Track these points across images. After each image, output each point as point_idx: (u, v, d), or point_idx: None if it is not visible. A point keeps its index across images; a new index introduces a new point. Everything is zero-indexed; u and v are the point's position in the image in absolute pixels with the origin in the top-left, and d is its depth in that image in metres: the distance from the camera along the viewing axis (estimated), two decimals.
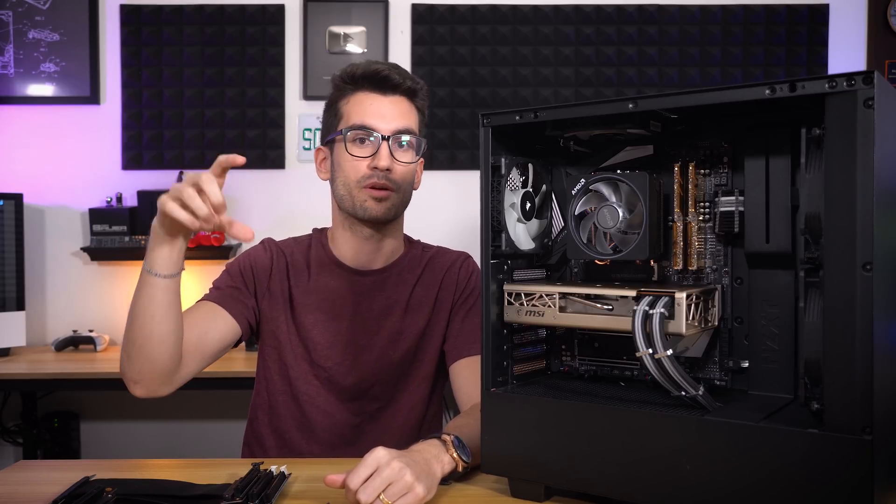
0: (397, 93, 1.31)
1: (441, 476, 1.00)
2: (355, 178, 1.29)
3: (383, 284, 1.37)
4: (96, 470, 1.07)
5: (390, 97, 1.31)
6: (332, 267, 1.37)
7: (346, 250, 1.37)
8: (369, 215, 1.29)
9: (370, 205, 1.28)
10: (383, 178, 1.27)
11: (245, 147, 2.69)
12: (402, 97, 1.32)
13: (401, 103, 1.31)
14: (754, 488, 0.79)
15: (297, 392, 1.34)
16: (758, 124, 0.92)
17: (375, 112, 1.29)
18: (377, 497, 0.90)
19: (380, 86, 1.30)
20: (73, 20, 2.67)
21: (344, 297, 1.35)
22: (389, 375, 1.35)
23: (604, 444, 0.89)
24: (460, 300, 1.38)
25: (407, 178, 1.32)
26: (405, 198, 1.34)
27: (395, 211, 1.32)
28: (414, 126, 1.33)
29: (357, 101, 1.31)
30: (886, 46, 2.72)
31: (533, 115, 0.95)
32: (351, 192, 1.30)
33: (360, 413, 1.35)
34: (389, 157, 1.27)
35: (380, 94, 1.30)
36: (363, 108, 1.30)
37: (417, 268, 1.40)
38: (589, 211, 1.01)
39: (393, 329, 1.35)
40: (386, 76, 1.30)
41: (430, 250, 1.44)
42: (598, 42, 2.71)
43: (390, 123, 1.29)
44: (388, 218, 1.31)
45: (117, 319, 2.68)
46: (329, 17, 2.70)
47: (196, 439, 2.74)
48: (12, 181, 2.65)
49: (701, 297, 0.91)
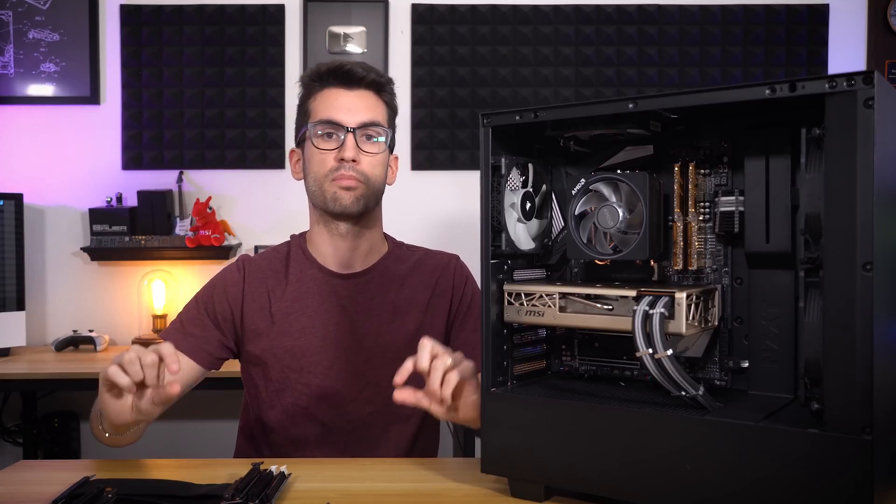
0: (362, 86, 1.32)
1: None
2: (324, 172, 1.30)
3: (367, 286, 1.36)
4: (96, 470, 1.08)
5: (356, 91, 1.32)
6: (312, 270, 1.36)
7: (324, 250, 1.37)
8: (339, 207, 1.29)
9: (340, 195, 1.29)
10: (350, 169, 1.28)
11: (245, 147, 2.69)
12: (368, 91, 1.33)
13: (367, 97, 1.32)
14: (754, 488, 0.79)
15: (288, 405, 1.32)
16: (758, 124, 0.92)
17: (341, 106, 1.30)
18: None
19: (345, 80, 1.32)
20: (73, 20, 2.67)
21: (328, 300, 1.34)
22: (381, 378, 1.32)
23: (604, 444, 0.89)
24: (462, 307, 1.37)
25: (376, 171, 1.32)
26: (376, 191, 1.33)
27: (365, 202, 1.31)
28: (381, 119, 1.33)
29: (323, 97, 1.32)
30: (886, 46, 2.72)
31: (533, 115, 0.95)
32: (321, 187, 1.31)
33: (354, 420, 1.32)
34: (355, 148, 1.29)
35: (345, 89, 1.32)
36: (329, 103, 1.31)
37: (404, 269, 1.39)
38: (589, 211, 1.01)
39: (381, 330, 1.34)
40: (349, 70, 1.31)
41: (417, 252, 1.43)
42: (598, 42, 2.71)
43: (356, 116, 1.30)
44: (358, 209, 1.30)
45: (117, 319, 2.69)
46: (329, 17, 2.70)
47: (196, 439, 2.74)
48: (12, 181, 2.65)
49: (701, 297, 0.91)
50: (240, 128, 2.69)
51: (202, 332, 1.31)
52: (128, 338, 2.64)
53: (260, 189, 2.70)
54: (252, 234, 2.70)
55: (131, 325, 2.67)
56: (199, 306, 1.34)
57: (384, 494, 1.01)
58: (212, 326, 1.32)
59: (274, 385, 1.33)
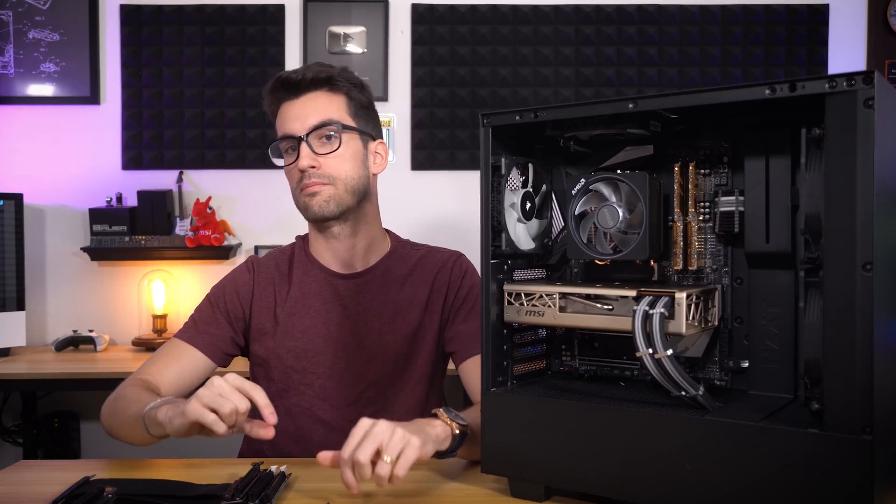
0: (309, 90, 1.31)
1: (434, 437, 1.00)
2: (293, 185, 1.33)
3: (369, 286, 1.36)
4: (96, 470, 1.08)
5: (303, 96, 1.31)
6: (314, 271, 1.37)
7: (323, 252, 1.38)
8: (312, 214, 1.30)
9: (308, 202, 1.30)
10: (311, 176, 1.28)
11: (245, 147, 2.69)
12: (316, 91, 1.31)
13: (316, 98, 1.31)
14: (754, 488, 0.79)
15: (290, 405, 1.33)
16: (758, 124, 0.92)
17: (292, 117, 1.30)
18: (372, 455, 0.91)
19: (289, 89, 1.31)
20: (73, 20, 2.67)
21: (329, 300, 1.35)
22: (382, 377, 1.34)
23: (604, 444, 0.89)
24: (457, 301, 1.37)
25: (344, 168, 1.30)
26: (351, 187, 1.31)
27: (337, 202, 1.29)
28: (335, 114, 1.31)
29: (280, 112, 1.33)
30: (886, 46, 2.72)
31: (533, 115, 0.95)
32: (296, 200, 1.33)
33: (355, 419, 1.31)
34: (310, 155, 1.28)
35: (293, 98, 1.31)
36: (283, 118, 1.32)
37: (406, 267, 1.38)
38: (589, 211, 1.01)
39: (382, 329, 1.34)
40: (286, 78, 1.31)
41: (420, 249, 1.43)
42: (598, 42, 2.71)
43: (305, 122, 1.29)
44: (329, 211, 1.29)
45: (117, 319, 2.69)
46: (329, 17, 2.70)
47: (196, 439, 2.73)
48: (12, 181, 2.65)
49: (701, 297, 0.91)
50: (240, 128, 2.69)
51: (216, 330, 1.34)
52: (128, 338, 2.64)
53: (260, 189, 2.70)
54: (252, 234, 2.70)
55: (131, 325, 2.67)
56: (212, 305, 1.37)
57: (384, 494, 1.01)
58: (225, 324, 1.35)
59: (276, 385, 1.34)
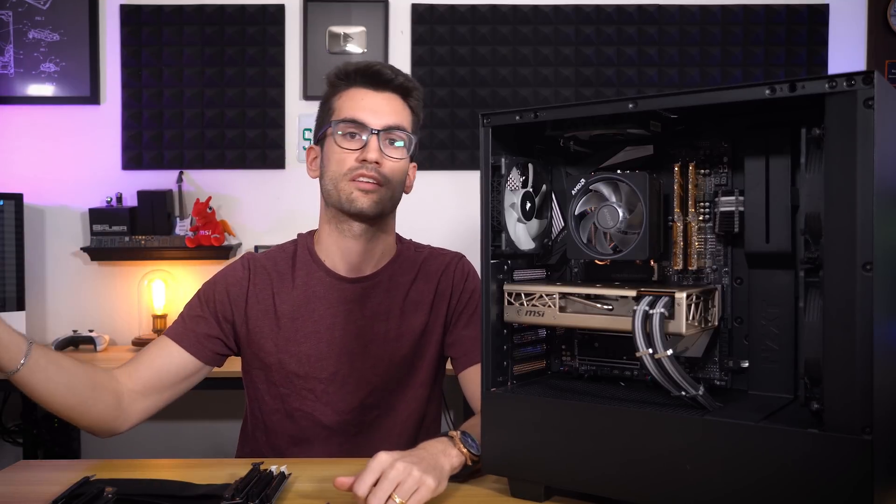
0: (389, 89, 1.30)
1: (450, 469, 0.99)
2: (342, 171, 1.27)
3: (375, 290, 1.33)
4: (96, 470, 1.08)
5: (383, 93, 1.30)
6: (319, 273, 1.33)
7: (333, 252, 1.33)
8: (355, 208, 1.26)
9: (357, 196, 1.26)
10: (372, 170, 1.25)
11: (245, 147, 2.69)
12: (395, 94, 1.31)
13: (393, 100, 1.30)
14: (754, 488, 0.79)
15: (292, 409, 1.31)
16: (758, 124, 0.92)
17: (367, 107, 1.28)
18: (388, 499, 0.90)
19: (372, 81, 1.30)
20: (73, 20, 2.67)
21: (334, 304, 1.32)
22: (386, 382, 1.32)
23: (604, 444, 0.89)
24: (459, 304, 1.36)
25: (396, 175, 1.29)
26: (394, 196, 1.31)
27: (382, 206, 1.28)
28: (406, 124, 1.31)
29: (349, 96, 1.30)
30: (886, 46, 2.72)
31: (533, 115, 0.95)
32: (337, 186, 1.27)
33: (358, 423, 1.31)
34: (379, 151, 1.26)
35: (372, 90, 1.30)
36: (354, 102, 1.29)
37: (411, 270, 1.36)
38: (589, 211, 1.01)
39: (388, 335, 1.32)
40: (378, 71, 1.30)
41: (423, 251, 1.41)
42: (598, 42, 2.71)
43: (382, 119, 1.28)
44: (374, 212, 1.27)
45: (117, 319, 2.69)
46: (329, 17, 2.70)
47: (196, 439, 2.74)
48: (12, 181, 2.65)
49: (701, 297, 0.91)
50: (240, 128, 2.69)
51: (204, 329, 1.30)
52: (128, 338, 2.64)
53: (260, 189, 2.70)
54: (252, 234, 2.70)
55: (131, 325, 2.67)
56: (200, 302, 1.33)
57: None
58: (213, 322, 1.31)
59: (277, 389, 1.32)
